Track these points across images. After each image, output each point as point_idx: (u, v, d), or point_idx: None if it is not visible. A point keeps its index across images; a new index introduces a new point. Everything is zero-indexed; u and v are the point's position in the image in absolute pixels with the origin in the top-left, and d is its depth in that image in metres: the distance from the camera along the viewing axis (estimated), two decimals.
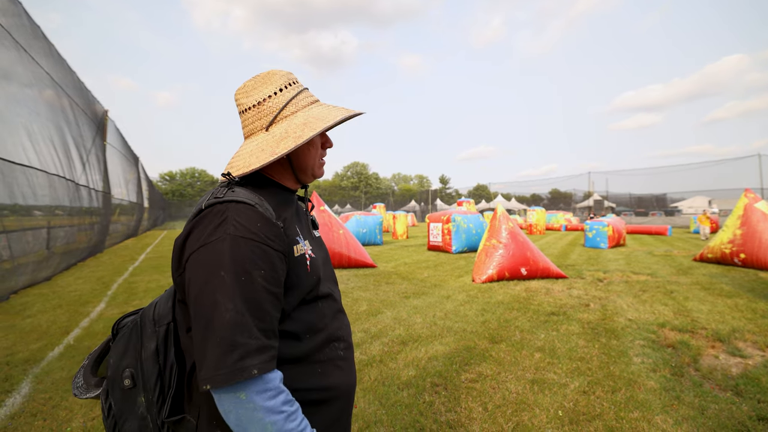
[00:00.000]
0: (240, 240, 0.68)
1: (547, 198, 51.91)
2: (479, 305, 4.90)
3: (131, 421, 0.75)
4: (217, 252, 0.67)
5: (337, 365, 0.83)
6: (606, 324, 4.10)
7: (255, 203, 0.73)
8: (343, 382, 0.84)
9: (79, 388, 0.83)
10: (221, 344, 0.62)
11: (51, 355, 3.33)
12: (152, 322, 0.80)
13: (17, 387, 2.71)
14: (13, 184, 5.41)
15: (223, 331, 0.63)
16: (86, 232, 9.65)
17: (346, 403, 0.84)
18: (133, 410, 0.75)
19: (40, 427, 2.21)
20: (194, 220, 0.72)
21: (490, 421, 2.26)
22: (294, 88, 0.84)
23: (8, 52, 5.56)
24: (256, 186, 0.81)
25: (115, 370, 0.78)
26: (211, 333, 0.63)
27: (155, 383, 0.75)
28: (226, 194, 0.73)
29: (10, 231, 5.65)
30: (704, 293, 5.53)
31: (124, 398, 0.76)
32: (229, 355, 0.62)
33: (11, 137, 5.45)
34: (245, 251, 0.68)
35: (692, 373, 2.90)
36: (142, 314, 0.83)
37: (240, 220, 0.69)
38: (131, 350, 0.79)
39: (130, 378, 0.76)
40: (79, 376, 0.85)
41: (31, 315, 4.59)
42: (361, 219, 13.43)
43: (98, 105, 11.15)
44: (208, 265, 0.67)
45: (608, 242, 12.21)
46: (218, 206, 0.71)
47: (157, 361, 0.76)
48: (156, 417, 0.74)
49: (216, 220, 0.69)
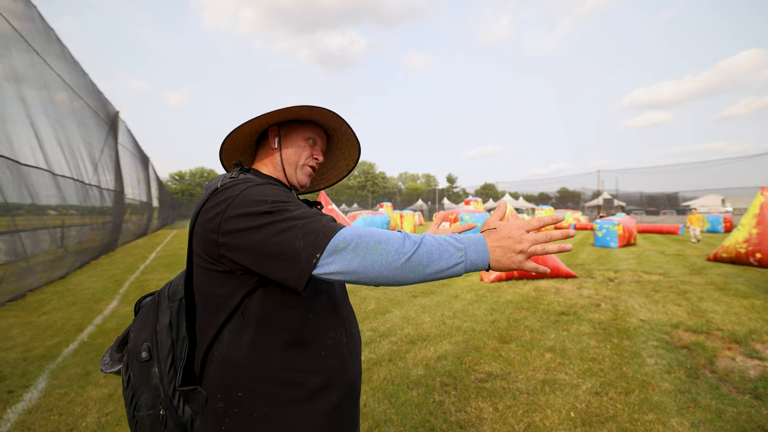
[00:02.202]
0: (265, 186, 0.75)
1: (555, 197, 51.40)
2: (488, 305, 4.87)
3: (147, 392, 0.80)
4: (249, 195, 0.71)
5: (340, 351, 0.84)
6: (618, 324, 4.04)
7: (270, 183, 0.80)
8: (344, 370, 0.84)
9: (105, 365, 0.89)
10: (302, 232, 0.68)
11: (66, 351, 3.39)
12: (167, 298, 0.87)
13: (34, 382, 2.77)
14: (28, 184, 5.53)
15: (298, 229, 0.68)
16: (99, 231, 9.82)
17: (351, 390, 0.85)
18: (148, 381, 0.80)
19: (56, 421, 2.25)
20: (213, 194, 0.75)
21: (501, 421, 2.24)
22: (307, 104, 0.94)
23: (22, 55, 5.68)
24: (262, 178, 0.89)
25: (134, 344, 0.83)
26: (291, 239, 0.67)
27: (167, 354, 0.81)
28: (240, 176, 0.80)
29: (26, 230, 5.77)
30: (719, 293, 5.41)
31: (141, 370, 0.81)
32: (315, 231, 0.68)
33: (27, 139, 5.57)
34: (269, 189, 0.74)
35: (708, 375, 2.83)
36: (159, 292, 0.90)
37: (258, 183, 0.76)
38: (148, 325, 0.85)
39: (147, 351, 0.81)
40: (106, 354, 0.91)
41: (47, 312, 4.68)
42: (368, 218, 13.43)
43: (110, 106, 11.33)
44: (249, 203, 0.70)
45: (618, 241, 12.03)
46: (235, 181, 0.77)
47: (170, 335, 0.82)
48: (167, 387, 0.78)
49: (238, 185, 0.75)
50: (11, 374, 2.90)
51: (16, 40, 5.45)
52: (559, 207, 41.95)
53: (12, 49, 5.38)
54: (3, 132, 5.01)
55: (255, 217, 0.68)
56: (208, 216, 0.73)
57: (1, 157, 4.84)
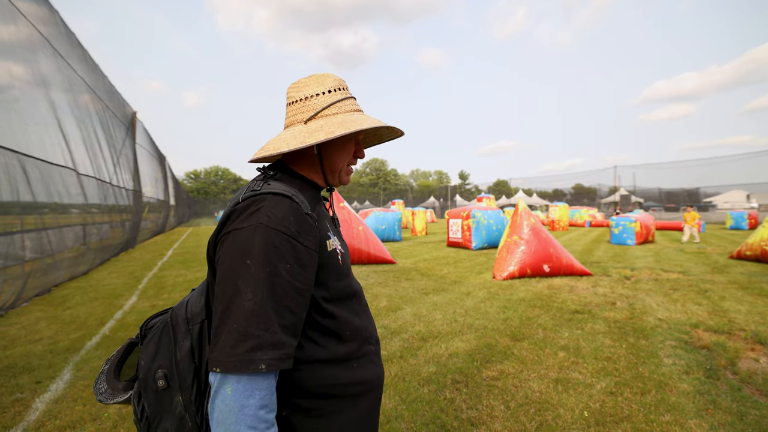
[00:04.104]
0: (271, 231, 0.69)
1: (570, 193, 50.40)
2: (500, 302, 4.83)
3: (167, 421, 0.75)
4: (246, 239, 0.68)
5: (371, 360, 0.88)
6: (634, 323, 3.95)
7: (291, 194, 0.75)
8: (376, 376, 0.88)
9: (104, 394, 0.82)
10: (236, 331, 0.63)
11: (89, 344, 3.53)
12: (185, 321, 0.80)
13: (60, 374, 2.90)
14: (50, 183, 5.75)
15: (239, 320, 0.64)
16: (119, 229, 10.14)
17: (378, 396, 0.89)
18: (170, 410, 0.75)
19: (80, 411, 2.35)
20: (233, 208, 0.74)
21: (513, 419, 2.23)
22: (342, 93, 0.87)
23: (48, 60, 5.90)
24: (289, 181, 0.84)
25: (147, 372, 0.77)
26: (228, 318, 0.65)
27: (192, 382, 0.75)
28: (263, 187, 0.75)
29: (52, 228, 6.01)
30: (742, 293, 5.23)
31: (158, 399, 0.76)
32: (241, 344, 0.63)
33: (51, 139, 5.79)
34: (274, 243, 0.69)
35: (729, 377, 2.75)
36: (173, 314, 0.83)
37: (274, 212, 0.71)
38: (163, 351, 0.78)
39: (164, 379, 0.76)
40: (101, 381, 0.85)
41: (71, 307, 4.87)
42: (380, 215, 13.45)
43: (128, 107, 11.64)
44: (236, 250, 0.69)
45: (635, 239, 11.73)
46: (257, 197, 0.73)
47: (193, 360, 0.76)
48: (195, 415, 0.74)
49: (252, 208, 0.71)
50: (39, 365, 3.04)
51: (42, 45, 5.66)
52: (574, 204, 41.12)
53: (39, 53, 5.60)
54: (35, 133, 5.26)
55: (233, 265, 0.68)
56: (216, 230, 0.75)
57: (31, 158, 5.06)
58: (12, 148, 4.59)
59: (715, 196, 36.38)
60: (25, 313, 4.56)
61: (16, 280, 4.84)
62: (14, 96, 4.91)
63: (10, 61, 4.86)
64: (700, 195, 36.24)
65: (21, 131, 4.90)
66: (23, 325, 4.12)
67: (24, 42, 5.13)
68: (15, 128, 4.79)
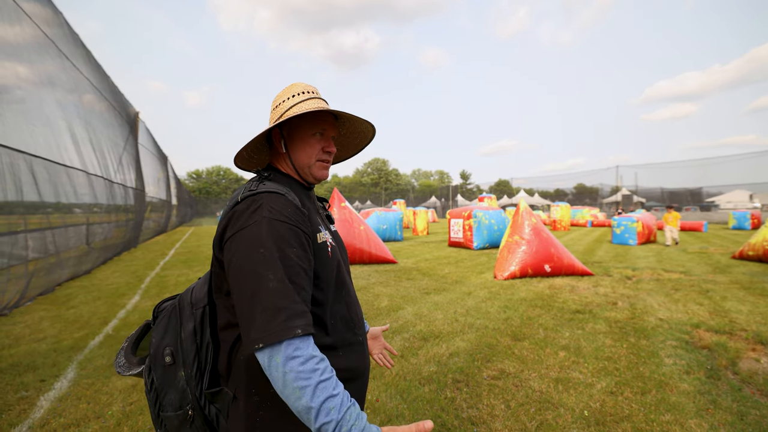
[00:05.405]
0: (275, 222, 0.77)
1: (571, 193, 50.28)
2: (501, 302, 4.84)
3: (172, 394, 0.84)
4: (255, 233, 0.75)
5: (356, 350, 0.92)
6: (635, 323, 3.96)
7: (285, 192, 0.83)
8: (361, 365, 0.93)
9: (122, 367, 0.93)
10: (268, 309, 0.70)
11: (92, 343, 3.55)
12: (190, 305, 0.89)
13: (64, 372, 2.92)
14: (58, 183, 5.80)
15: (269, 297, 0.71)
16: (121, 228, 10.18)
17: (363, 384, 0.94)
18: (174, 384, 0.84)
19: (84, 409, 2.37)
20: (233, 209, 0.81)
21: (513, 419, 2.24)
22: (307, 95, 0.95)
23: (54, 61, 5.94)
24: (280, 180, 0.92)
25: (157, 349, 0.87)
26: (258, 301, 0.71)
27: (193, 359, 0.84)
28: (259, 187, 0.83)
29: (57, 227, 6.05)
30: (744, 293, 5.22)
31: (165, 374, 0.85)
32: (276, 317, 0.70)
33: (55, 139, 5.83)
34: (280, 231, 0.76)
35: (730, 377, 2.75)
36: (180, 298, 0.93)
37: (274, 206, 0.79)
38: (171, 331, 0.88)
39: (170, 355, 0.85)
40: (121, 356, 0.95)
41: (74, 306, 4.91)
42: (381, 215, 13.47)
43: (130, 107, 11.69)
44: (248, 245, 0.75)
45: (637, 239, 11.71)
46: (254, 197, 0.80)
47: (195, 340, 0.86)
48: (195, 389, 0.83)
49: (253, 206, 0.79)
50: (43, 364, 3.07)
51: (48, 46, 5.70)
52: (576, 203, 41.03)
53: (45, 55, 5.64)
54: (42, 134, 5.31)
55: (249, 256, 0.74)
56: (220, 229, 0.81)
57: (39, 158, 5.10)
58: (17, 148, 4.62)
59: (717, 196, 36.23)
60: (29, 312, 4.60)
61: (20, 279, 4.88)
62: (20, 96, 4.95)
63: (15, 62, 4.90)
64: (702, 195, 36.08)
65: (28, 131, 4.94)
66: (27, 323, 4.15)
67: (29, 43, 5.16)
68: (21, 128, 4.83)
